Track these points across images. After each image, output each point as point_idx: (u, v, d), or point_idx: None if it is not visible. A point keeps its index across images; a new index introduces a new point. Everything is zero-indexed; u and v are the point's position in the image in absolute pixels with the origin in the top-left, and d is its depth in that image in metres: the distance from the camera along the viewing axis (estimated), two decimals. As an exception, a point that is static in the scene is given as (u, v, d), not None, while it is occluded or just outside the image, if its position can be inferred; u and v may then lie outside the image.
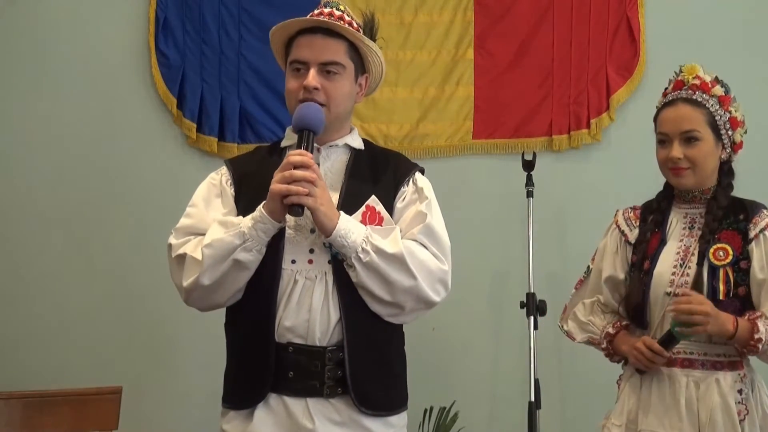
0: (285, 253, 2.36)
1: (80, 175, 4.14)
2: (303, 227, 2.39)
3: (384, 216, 2.41)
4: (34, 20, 4.16)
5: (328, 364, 2.34)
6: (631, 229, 2.74)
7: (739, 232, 2.59)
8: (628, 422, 2.66)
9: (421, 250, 2.38)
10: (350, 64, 2.44)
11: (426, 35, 4.22)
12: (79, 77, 4.15)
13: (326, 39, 2.41)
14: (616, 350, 2.71)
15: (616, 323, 2.70)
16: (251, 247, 2.29)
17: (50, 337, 4.08)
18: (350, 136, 2.52)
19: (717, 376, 2.56)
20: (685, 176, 2.63)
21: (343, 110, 2.46)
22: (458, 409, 3.96)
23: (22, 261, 4.11)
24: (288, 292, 2.35)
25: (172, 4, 4.15)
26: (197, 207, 2.46)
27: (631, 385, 2.68)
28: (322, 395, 2.34)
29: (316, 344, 2.34)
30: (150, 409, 4.00)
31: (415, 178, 2.51)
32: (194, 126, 4.13)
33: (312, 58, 2.39)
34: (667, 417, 2.57)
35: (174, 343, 4.10)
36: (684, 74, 2.68)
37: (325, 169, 2.45)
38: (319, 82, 2.38)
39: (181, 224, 2.45)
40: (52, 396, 3.23)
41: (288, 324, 2.34)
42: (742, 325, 2.51)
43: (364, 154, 2.52)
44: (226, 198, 2.46)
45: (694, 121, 2.61)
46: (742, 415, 2.54)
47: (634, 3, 4.18)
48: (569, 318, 2.84)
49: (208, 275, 2.32)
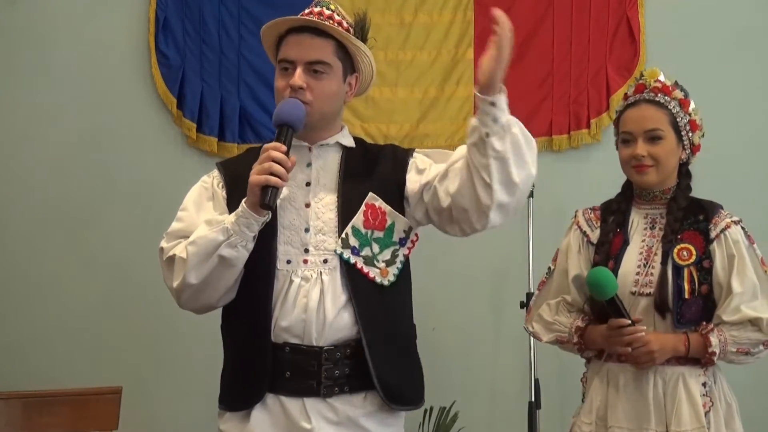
0: (279, 253, 2.36)
1: (80, 175, 4.14)
2: (297, 227, 2.38)
3: (385, 209, 2.41)
4: (34, 20, 4.16)
5: (325, 364, 2.33)
6: (592, 230, 2.78)
7: (700, 233, 2.66)
8: (597, 419, 2.70)
9: None
10: (338, 64, 2.43)
11: (426, 35, 4.22)
12: (79, 77, 4.15)
13: (314, 38, 2.41)
14: (588, 343, 2.72)
15: (584, 317, 2.74)
16: (235, 242, 2.27)
17: (50, 337, 4.08)
18: (341, 135, 2.51)
19: (682, 371, 2.63)
20: (648, 173, 2.68)
21: (330, 109, 2.45)
22: (458, 409, 3.96)
23: (22, 261, 4.12)
24: (284, 292, 2.34)
25: (172, 4, 4.15)
26: (188, 211, 2.45)
27: (599, 382, 2.72)
28: (319, 395, 2.33)
29: (313, 344, 2.33)
30: (150, 409, 4.00)
31: (414, 155, 2.51)
32: (194, 126, 4.13)
33: (298, 57, 2.39)
34: (635, 412, 2.62)
35: (174, 343, 4.10)
36: (645, 78, 2.75)
37: (317, 168, 2.45)
38: (306, 81, 2.37)
39: (172, 228, 2.44)
40: (52, 396, 3.23)
41: (284, 324, 2.33)
42: (694, 342, 2.60)
43: (356, 152, 2.51)
44: (218, 201, 2.45)
45: (657, 120, 2.67)
46: (707, 407, 2.61)
47: (634, 3, 4.18)
48: (533, 320, 2.87)
49: (194, 273, 2.30)
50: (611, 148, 4.20)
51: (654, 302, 2.62)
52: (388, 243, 2.41)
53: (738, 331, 2.60)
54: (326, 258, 2.37)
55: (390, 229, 2.42)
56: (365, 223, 2.39)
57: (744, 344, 2.60)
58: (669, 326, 2.62)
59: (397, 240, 2.43)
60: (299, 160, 2.40)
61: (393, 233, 2.43)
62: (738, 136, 4.10)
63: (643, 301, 2.64)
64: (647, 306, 2.63)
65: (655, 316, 2.63)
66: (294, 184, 2.41)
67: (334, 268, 2.36)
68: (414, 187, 2.44)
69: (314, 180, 2.44)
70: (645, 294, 2.64)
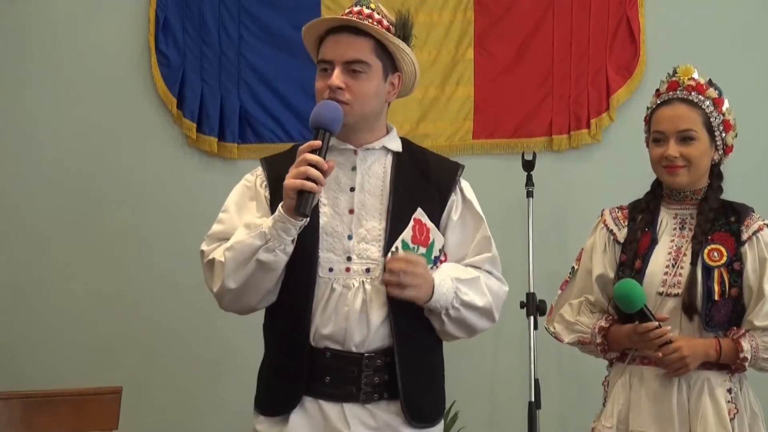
0: (321, 261, 2.34)
1: (80, 175, 4.14)
2: (340, 233, 2.37)
3: (430, 227, 2.40)
4: (34, 20, 4.15)
5: (365, 371, 2.33)
6: (619, 229, 2.74)
7: (731, 234, 2.61)
8: (618, 423, 2.65)
9: (493, 283, 2.47)
10: (377, 63, 2.38)
11: (426, 35, 4.22)
12: (79, 77, 4.15)
13: (352, 37, 2.37)
14: (612, 343, 2.68)
15: (608, 317, 2.69)
16: (273, 247, 2.26)
17: (50, 337, 4.08)
18: (388, 138, 2.47)
19: (708, 376, 2.58)
20: (680, 174, 2.64)
21: (371, 110, 2.40)
22: (458, 409, 3.96)
23: (22, 261, 4.11)
24: (324, 300, 2.33)
25: (172, 4, 4.15)
26: (229, 212, 2.43)
27: (621, 385, 2.68)
28: (358, 401, 2.34)
29: (353, 351, 2.33)
30: (150, 409, 4.00)
31: (461, 185, 2.52)
32: (194, 126, 4.13)
33: (336, 57, 2.35)
34: (658, 416, 2.58)
35: (174, 343, 4.10)
36: (679, 75, 2.70)
37: (362, 173, 2.42)
38: (344, 81, 2.34)
39: (212, 230, 2.42)
40: (52, 396, 3.23)
41: (325, 332, 2.33)
42: (726, 347, 2.55)
43: (404, 158, 2.47)
44: (260, 201, 2.42)
45: (690, 120, 2.63)
46: (732, 413, 2.56)
47: (634, 3, 4.18)
48: (555, 320, 2.83)
49: (233, 278, 2.29)
50: (611, 148, 4.25)
51: (682, 303, 2.57)
52: (428, 260, 2.39)
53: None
54: (369, 267, 2.36)
55: (431, 247, 2.42)
56: (413, 238, 2.37)
57: None
58: (696, 329, 2.57)
59: (433, 258, 2.42)
60: (344, 163, 2.40)
61: (432, 251, 2.42)
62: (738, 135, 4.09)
63: (671, 301, 2.59)
64: (675, 307, 2.58)
65: (682, 318, 2.58)
66: (337, 188, 2.40)
67: (376, 277, 2.35)
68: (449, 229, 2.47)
69: (359, 185, 2.41)
70: (673, 295, 2.59)
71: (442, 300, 2.33)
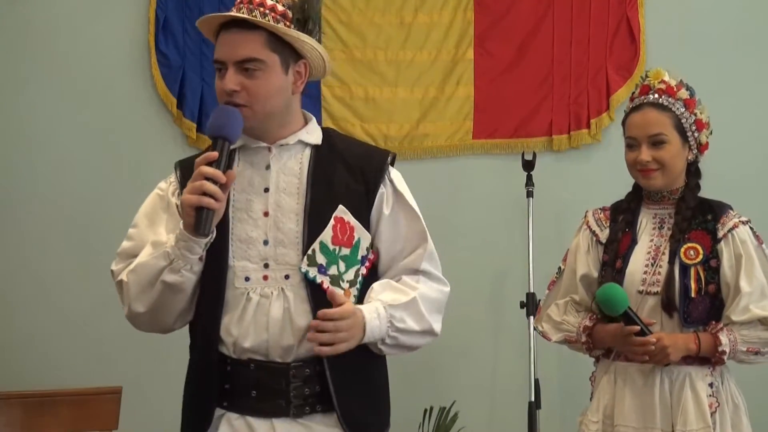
0: (237, 270, 2.18)
1: (80, 175, 4.14)
2: (255, 239, 2.19)
3: (354, 225, 2.21)
4: (34, 20, 4.15)
5: (293, 381, 2.16)
6: (601, 229, 2.79)
7: (708, 232, 2.67)
8: (604, 418, 2.72)
9: (432, 291, 2.28)
10: (273, 57, 2.17)
11: (426, 35, 4.22)
12: (79, 77, 4.15)
13: (241, 33, 2.17)
14: (596, 342, 2.74)
15: (591, 316, 2.75)
16: (178, 267, 2.11)
17: (50, 337, 4.08)
18: (304, 131, 2.26)
19: (689, 371, 2.64)
20: (654, 177, 2.69)
21: (274, 107, 2.19)
22: (458, 409, 3.96)
23: (22, 261, 4.11)
24: (240, 310, 2.17)
25: (172, 4, 4.15)
26: (138, 227, 2.28)
27: (607, 381, 2.74)
28: (288, 415, 2.16)
29: (278, 361, 2.17)
30: (150, 409, 3.99)
31: (390, 176, 2.29)
32: (194, 126, 4.13)
33: (227, 57, 2.17)
34: (642, 411, 2.64)
35: (174, 343, 4.05)
36: (650, 79, 2.74)
37: (276, 171, 2.23)
38: (239, 82, 2.15)
39: (122, 248, 2.27)
40: (52, 396, 3.23)
41: (246, 345, 2.16)
42: (705, 341, 2.62)
43: (323, 151, 2.26)
44: (173, 213, 2.24)
45: (660, 124, 2.67)
46: (713, 407, 2.63)
47: (634, 3, 4.19)
48: (543, 319, 2.88)
49: (140, 302, 2.17)
50: (611, 148, 4.24)
51: (661, 301, 2.63)
52: (353, 262, 2.22)
53: (748, 331, 2.62)
54: (288, 273, 2.18)
55: (356, 247, 2.23)
56: (334, 239, 2.19)
57: (754, 343, 2.63)
58: (676, 326, 2.64)
59: (359, 258, 2.23)
60: (258, 163, 2.23)
61: (358, 251, 2.23)
62: (738, 135, 4.10)
63: (651, 300, 2.66)
64: (654, 305, 2.65)
65: (663, 316, 2.65)
66: (251, 190, 2.22)
67: (297, 283, 2.17)
68: (381, 225, 2.26)
69: (273, 185, 2.22)
70: (652, 293, 2.66)
71: (376, 333, 2.16)
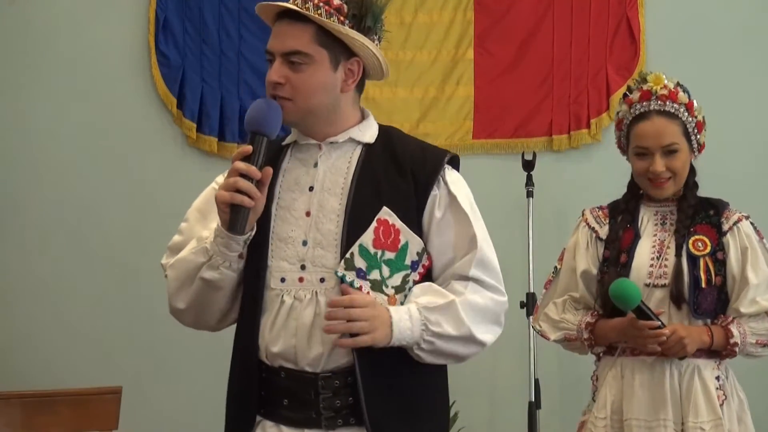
0: (273, 269, 2.10)
1: (80, 175, 4.14)
2: (294, 239, 2.10)
3: (400, 228, 2.09)
4: (34, 20, 4.16)
5: (322, 393, 2.05)
6: (601, 226, 2.79)
7: (712, 226, 2.69)
8: (612, 413, 2.70)
9: (481, 298, 2.13)
10: (321, 52, 2.08)
11: (426, 35, 4.22)
12: (79, 77, 4.15)
13: (291, 25, 2.09)
14: (599, 338, 2.72)
15: (593, 312, 2.73)
16: (216, 264, 2.06)
17: (50, 337, 4.08)
18: (357, 129, 2.16)
19: (697, 364, 2.65)
20: (666, 188, 2.70)
21: (318, 103, 2.10)
22: (458, 409, 3.95)
23: (22, 261, 4.11)
24: (274, 313, 2.08)
25: (172, 4, 4.15)
26: (189, 221, 2.23)
27: (613, 377, 2.72)
28: (320, 426, 2.06)
29: (307, 370, 2.06)
30: (150, 409, 4.00)
31: (446, 178, 2.17)
32: (194, 126, 4.14)
33: (275, 49, 2.11)
34: (652, 404, 2.64)
35: (174, 343, 4.10)
36: (650, 84, 2.71)
37: (324, 170, 2.14)
38: (284, 74, 2.08)
39: (172, 242, 2.23)
40: (52, 396, 3.23)
41: (275, 350, 2.07)
42: (717, 334, 2.62)
43: (376, 150, 2.15)
44: None
45: (672, 134, 2.66)
46: (720, 400, 2.64)
47: (634, 3, 4.19)
48: (540, 319, 2.87)
49: (179, 298, 2.14)
50: (612, 148, 4.20)
51: (670, 293, 2.64)
52: (400, 267, 2.09)
53: (756, 323, 2.63)
54: (323, 276, 2.08)
55: (403, 251, 2.09)
56: (375, 242, 2.07)
57: (763, 335, 2.64)
58: (684, 317, 2.64)
59: (409, 263, 2.10)
60: (307, 160, 2.16)
61: (405, 255, 2.10)
62: (738, 136, 4.10)
63: (658, 292, 2.66)
64: (662, 297, 2.65)
65: (671, 308, 2.65)
66: (296, 189, 2.14)
67: (331, 288, 2.07)
68: (432, 228, 2.13)
69: (319, 184, 2.13)
70: (660, 285, 2.66)
71: (407, 336, 2.03)
